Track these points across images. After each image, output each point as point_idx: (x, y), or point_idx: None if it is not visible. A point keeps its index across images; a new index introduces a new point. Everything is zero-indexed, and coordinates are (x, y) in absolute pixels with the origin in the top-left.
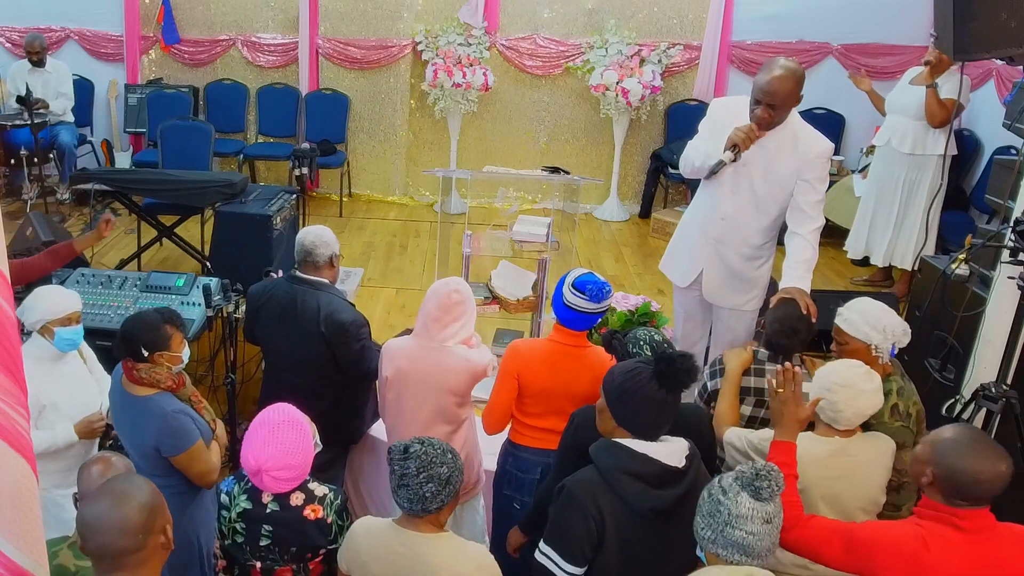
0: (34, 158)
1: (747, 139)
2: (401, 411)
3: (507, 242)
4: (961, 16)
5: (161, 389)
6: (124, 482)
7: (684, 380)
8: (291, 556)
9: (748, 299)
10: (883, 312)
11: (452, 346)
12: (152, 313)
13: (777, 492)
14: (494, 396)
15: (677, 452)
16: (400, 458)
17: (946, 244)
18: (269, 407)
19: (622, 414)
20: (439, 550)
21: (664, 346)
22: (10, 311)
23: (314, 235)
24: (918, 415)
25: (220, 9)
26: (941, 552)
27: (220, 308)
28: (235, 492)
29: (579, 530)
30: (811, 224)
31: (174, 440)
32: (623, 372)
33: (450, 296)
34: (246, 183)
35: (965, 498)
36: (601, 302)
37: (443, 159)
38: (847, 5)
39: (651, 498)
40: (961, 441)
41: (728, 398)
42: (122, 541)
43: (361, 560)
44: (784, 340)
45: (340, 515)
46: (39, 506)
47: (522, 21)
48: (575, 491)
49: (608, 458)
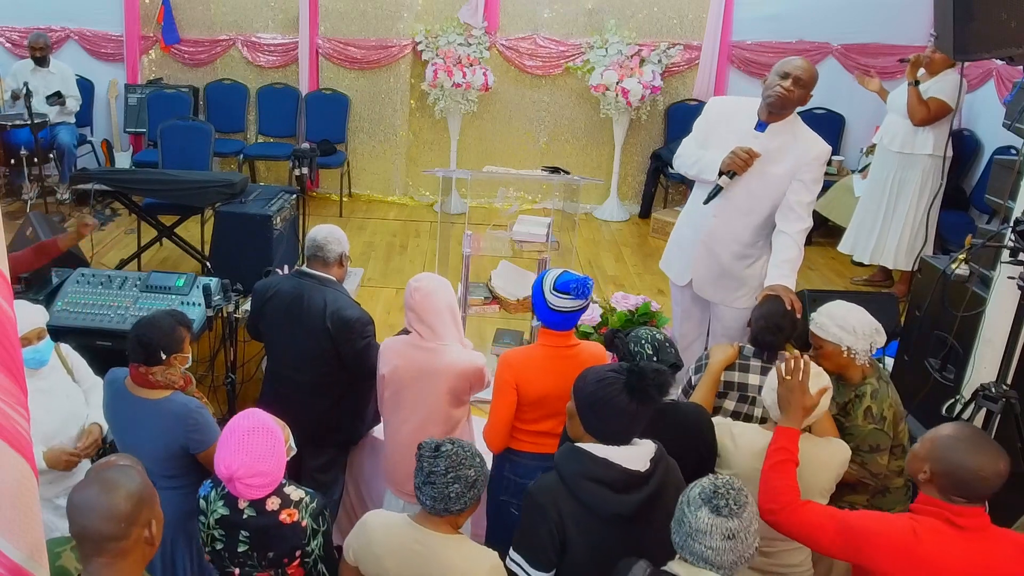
0: (34, 158)
1: (744, 165)
2: (396, 409)
3: (507, 242)
4: (961, 16)
5: (175, 389)
6: (117, 471)
7: (654, 395)
8: (268, 562)
9: (740, 296)
10: (849, 313)
11: (445, 344)
12: (165, 316)
13: (739, 509)
14: (494, 412)
15: (641, 456)
16: (431, 455)
17: (946, 244)
18: (239, 414)
19: (590, 422)
20: (455, 551)
21: (666, 345)
22: (10, 311)
23: (327, 231)
24: (894, 417)
25: (220, 9)
26: (933, 545)
27: (220, 308)
28: (212, 498)
29: (542, 536)
30: (799, 224)
31: (202, 435)
32: (595, 380)
33: (412, 295)
34: (246, 183)
35: (964, 495)
36: (587, 297)
37: (443, 159)
38: (847, 5)
39: (613, 503)
40: (961, 439)
41: (704, 389)
42: (105, 527)
43: (374, 553)
44: (769, 337)
45: (316, 519)
46: (39, 506)
47: (522, 21)
48: (537, 496)
49: (570, 464)
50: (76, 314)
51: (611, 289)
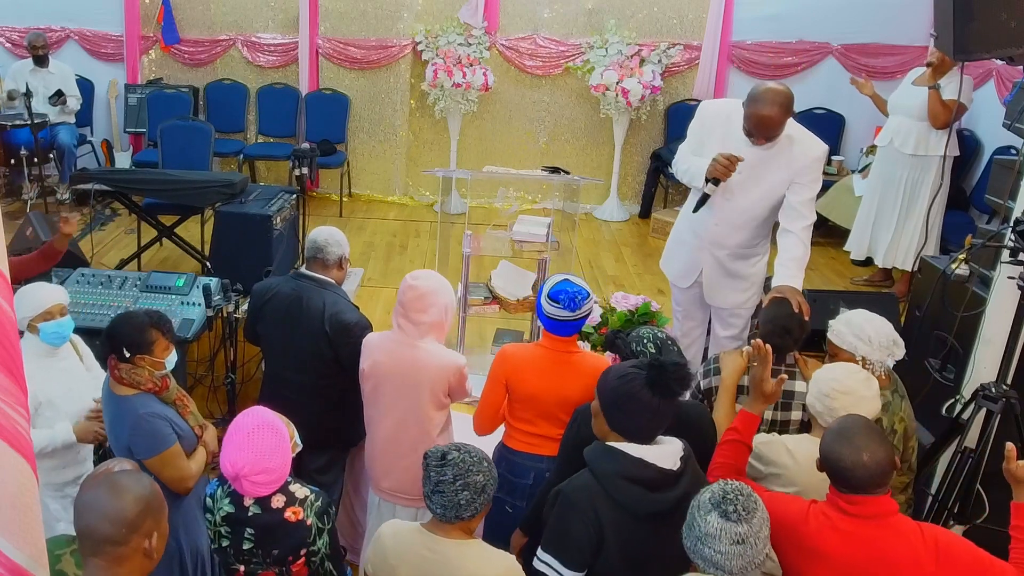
0: (34, 158)
1: (726, 172)
2: (377, 404)
3: (507, 242)
4: (961, 16)
5: (142, 391)
6: (130, 477)
7: (675, 388)
8: (273, 559)
9: (746, 298)
10: (868, 323)
11: (426, 343)
12: (141, 315)
13: (748, 515)
14: (483, 398)
15: (672, 454)
16: (437, 464)
17: (946, 244)
18: (244, 411)
19: (616, 419)
20: (469, 557)
21: (669, 343)
22: (10, 311)
23: (327, 233)
24: (905, 431)
25: (220, 9)
26: (818, 527)
27: (220, 308)
28: (218, 495)
29: (579, 536)
30: (803, 221)
31: (145, 443)
32: (616, 376)
33: (405, 292)
34: (246, 183)
35: (842, 484)
36: (576, 311)
37: (443, 159)
38: (847, 5)
39: (649, 502)
40: (834, 430)
41: (725, 406)
42: (105, 528)
43: (389, 564)
44: (777, 340)
45: (321, 517)
46: (39, 506)
47: (522, 21)
48: (573, 497)
49: (604, 463)
50: (76, 314)
51: (611, 289)
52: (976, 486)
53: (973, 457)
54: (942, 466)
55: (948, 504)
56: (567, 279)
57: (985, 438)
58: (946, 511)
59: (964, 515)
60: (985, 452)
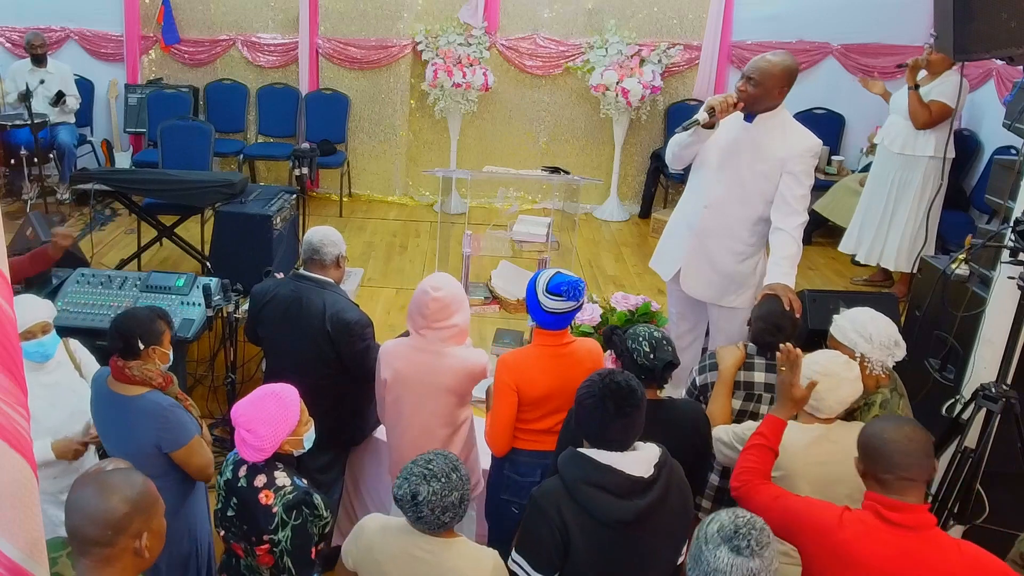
0: (34, 158)
1: (724, 103)
2: (400, 413)
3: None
4: (961, 16)
5: (152, 387)
6: (120, 475)
7: (623, 406)
8: (242, 534)
9: (736, 298)
10: (871, 321)
11: (450, 348)
12: (144, 309)
13: (760, 549)
14: (496, 414)
15: (645, 461)
16: (411, 507)
17: (946, 244)
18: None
19: (583, 426)
20: (458, 554)
21: (663, 342)
22: (10, 311)
23: (322, 234)
24: None
25: (220, 9)
26: (853, 534)
27: (220, 308)
28: (229, 460)
29: (546, 540)
30: (796, 219)
31: (174, 435)
32: (583, 385)
33: (428, 305)
34: (246, 183)
35: (883, 469)
36: (580, 299)
37: (443, 159)
38: (847, 5)
39: (615, 509)
40: (878, 422)
41: (721, 398)
42: (90, 530)
43: (374, 559)
44: (769, 337)
45: (288, 511)
46: (39, 506)
47: (522, 21)
48: (540, 501)
49: (572, 469)
50: (76, 314)
51: (611, 289)
52: (976, 486)
53: (973, 457)
54: (942, 466)
55: (948, 504)
56: (558, 272)
57: (985, 438)
58: (946, 511)
59: (964, 515)
60: (985, 452)
